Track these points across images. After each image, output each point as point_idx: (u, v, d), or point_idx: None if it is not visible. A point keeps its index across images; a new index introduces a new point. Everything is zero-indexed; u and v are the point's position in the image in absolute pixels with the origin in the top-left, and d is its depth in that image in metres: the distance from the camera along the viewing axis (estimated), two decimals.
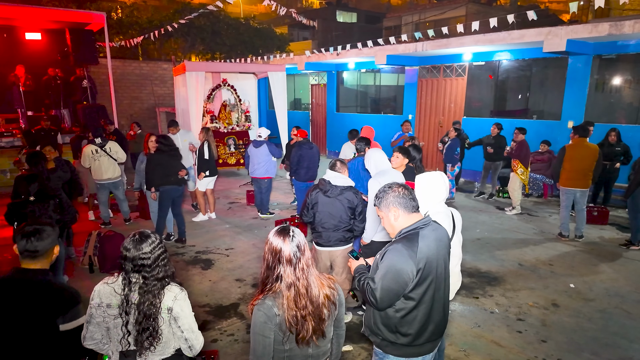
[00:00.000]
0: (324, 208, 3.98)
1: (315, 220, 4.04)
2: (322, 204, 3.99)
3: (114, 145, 7.19)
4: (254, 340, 1.98)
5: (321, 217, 4.00)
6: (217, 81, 11.74)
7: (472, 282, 5.29)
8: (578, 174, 6.48)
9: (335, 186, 3.97)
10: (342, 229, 4.02)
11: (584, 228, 6.78)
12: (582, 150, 6.44)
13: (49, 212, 4.15)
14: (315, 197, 4.02)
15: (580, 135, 6.49)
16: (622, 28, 7.65)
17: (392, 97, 13.94)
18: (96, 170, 7.00)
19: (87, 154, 6.93)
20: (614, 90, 9.37)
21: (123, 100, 16.60)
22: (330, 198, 3.96)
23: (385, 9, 37.90)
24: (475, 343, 4.02)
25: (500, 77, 10.80)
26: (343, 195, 3.97)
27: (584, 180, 6.50)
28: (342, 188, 3.98)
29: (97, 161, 6.95)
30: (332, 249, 4.09)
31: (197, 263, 5.95)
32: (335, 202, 3.96)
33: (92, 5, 18.71)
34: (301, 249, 2.01)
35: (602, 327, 4.31)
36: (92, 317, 2.21)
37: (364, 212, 4.08)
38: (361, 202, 4.07)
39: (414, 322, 2.32)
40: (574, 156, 6.47)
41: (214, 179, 7.72)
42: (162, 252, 2.24)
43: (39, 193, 4.15)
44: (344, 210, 3.98)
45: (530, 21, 7.87)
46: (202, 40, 20.11)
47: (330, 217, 3.98)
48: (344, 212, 3.99)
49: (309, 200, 4.06)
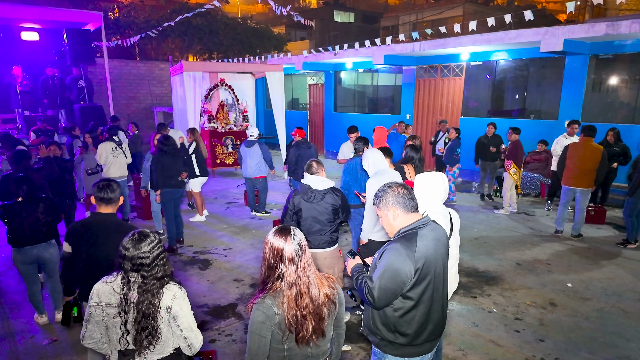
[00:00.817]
0: (309, 213, 3.90)
1: (301, 226, 3.93)
2: (305, 210, 3.90)
3: (125, 146, 7.54)
4: (250, 339, 1.98)
5: (306, 222, 3.91)
6: (215, 81, 11.74)
7: (470, 281, 5.30)
8: (579, 173, 6.47)
9: (317, 190, 3.88)
10: (327, 232, 3.97)
11: (582, 228, 6.80)
12: (585, 150, 6.38)
13: (37, 214, 4.13)
14: (298, 203, 3.91)
15: (585, 134, 6.42)
16: (619, 28, 7.67)
17: (389, 97, 13.95)
18: (110, 168, 7.11)
19: (106, 150, 7.09)
20: (611, 90, 9.40)
21: (120, 101, 16.57)
22: (313, 203, 3.88)
23: (382, 9, 37.94)
24: (473, 342, 4.03)
25: (497, 77, 10.82)
26: (325, 200, 3.89)
27: (585, 180, 6.44)
28: (323, 192, 3.89)
29: (116, 158, 7.15)
30: (317, 251, 3.98)
31: (194, 263, 5.94)
32: (319, 207, 3.88)
33: (89, 5, 18.67)
34: (302, 247, 2.01)
35: (599, 326, 4.32)
36: (91, 316, 2.21)
37: (346, 206, 4.05)
38: (342, 198, 4.02)
39: (413, 322, 2.32)
40: (575, 155, 6.45)
41: (205, 180, 7.71)
42: (161, 252, 2.25)
43: (29, 194, 4.14)
44: (328, 213, 3.92)
45: (527, 21, 7.89)
46: (199, 40, 20.09)
47: (316, 222, 3.91)
48: (328, 215, 3.92)
49: (290, 206, 3.94)
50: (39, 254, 4.23)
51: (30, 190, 4.15)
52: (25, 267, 4.25)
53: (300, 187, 3.95)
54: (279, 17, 25.67)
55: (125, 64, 17.30)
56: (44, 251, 4.25)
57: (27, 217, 4.09)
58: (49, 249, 4.30)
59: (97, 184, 3.09)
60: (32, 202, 4.15)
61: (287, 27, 32.89)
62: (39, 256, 4.24)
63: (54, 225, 4.33)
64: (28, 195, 4.13)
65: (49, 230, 4.25)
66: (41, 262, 4.31)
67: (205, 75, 11.48)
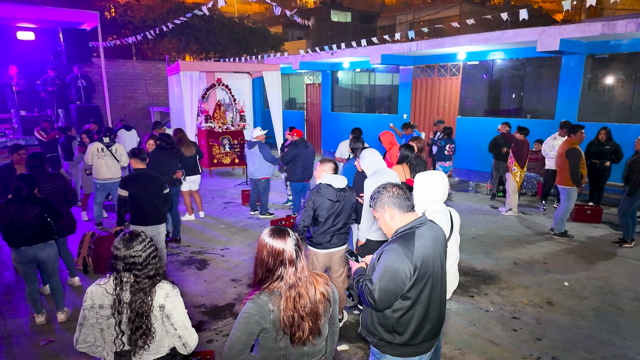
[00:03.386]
0: (331, 212, 3.90)
1: (320, 226, 3.93)
2: (328, 209, 3.89)
3: (120, 147, 7.29)
4: (235, 327, 1.94)
5: (325, 222, 3.92)
6: (212, 81, 11.71)
7: (467, 280, 5.31)
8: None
9: (340, 189, 3.92)
10: (343, 230, 4.02)
11: (579, 227, 6.82)
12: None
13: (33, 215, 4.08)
14: (320, 203, 3.88)
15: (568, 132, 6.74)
16: (615, 28, 7.70)
17: (386, 96, 13.96)
18: (98, 169, 7.04)
19: (92, 151, 7.01)
20: (607, 90, 9.43)
21: (117, 100, 16.53)
22: (340, 202, 3.90)
23: (379, 9, 37.97)
24: (470, 341, 4.04)
25: (494, 77, 10.84)
26: (347, 198, 3.96)
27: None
28: (344, 190, 3.95)
29: (102, 160, 7.00)
30: (332, 250, 4.05)
31: (192, 263, 5.93)
32: (341, 205, 3.93)
33: (86, 4, 18.59)
34: (300, 247, 2.01)
35: (596, 324, 4.34)
36: (85, 319, 2.21)
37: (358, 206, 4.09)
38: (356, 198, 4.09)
39: (411, 322, 2.32)
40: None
41: (195, 179, 7.63)
42: (152, 250, 2.26)
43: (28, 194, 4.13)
44: (350, 210, 3.99)
45: (523, 21, 7.91)
46: (196, 40, 20.04)
47: (335, 221, 3.94)
48: (350, 212, 3.99)
49: (312, 205, 3.89)
50: (35, 255, 4.21)
51: (30, 191, 4.14)
52: (23, 266, 4.23)
53: (320, 187, 3.93)
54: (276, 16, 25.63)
55: (122, 63, 17.25)
56: (40, 251, 4.23)
57: (23, 217, 4.05)
58: (45, 249, 4.27)
59: (134, 150, 4.97)
60: (29, 203, 4.11)
61: (284, 26, 32.86)
62: (35, 256, 4.22)
63: (52, 226, 4.28)
64: (27, 195, 4.10)
65: (45, 231, 4.22)
66: (39, 262, 4.29)
67: (202, 75, 11.45)
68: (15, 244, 4.14)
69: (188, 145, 7.42)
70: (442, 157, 8.86)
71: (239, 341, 1.92)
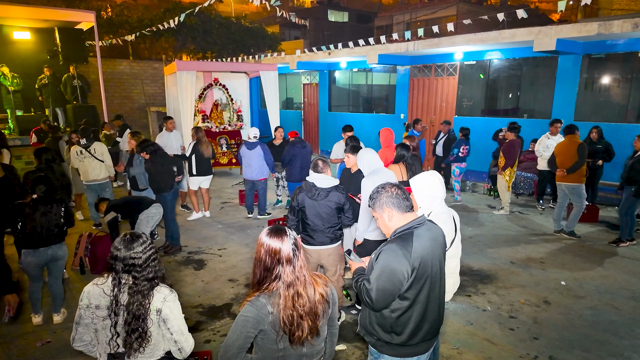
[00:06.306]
0: (312, 211, 3.89)
1: (306, 223, 3.95)
2: (309, 207, 3.89)
3: (99, 146, 7.03)
4: (232, 329, 1.94)
5: (310, 219, 3.92)
6: (209, 80, 11.67)
7: (465, 280, 5.31)
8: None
9: (322, 188, 3.88)
10: (332, 229, 3.99)
11: (576, 226, 6.85)
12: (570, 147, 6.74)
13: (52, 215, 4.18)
14: (301, 200, 3.91)
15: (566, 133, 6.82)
16: (611, 27, 7.73)
17: (384, 96, 13.97)
18: (82, 172, 6.97)
19: (72, 155, 6.97)
20: (603, 89, 9.47)
21: (114, 100, 16.49)
22: (317, 201, 3.87)
23: (376, 8, 37.94)
24: (467, 341, 4.04)
25: (491, 76, 10.87)
26: (329, 198, 3.88)
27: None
28: (327, 190, 3.89)
29: (82, 162, 6.87)
30: (321, 247, 4.02)
31: (189, 263, 5.92)
32: (323, 204, 3.88)
33: (82, 4, 18.53)
34: (298, 246, 2.00)
35: (592, 324, 4.35)
36: (81, 318, 2.19)
37: (351, 207, 4.06)
38: (347, 198, 4.04)
39: (409, 322, 2.32)
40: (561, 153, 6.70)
41: (208, 178, 7.73)
42: (153, 253, 2.24)
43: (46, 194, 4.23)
44: (332, 211, 3.91)
45: (520, 20, 7.93)
46: (193, 40, 19.99)
47: (319, 219, 3.90)
48: (332, 213, 3.92)
49: (294, 203, 3.95)
50: (53, 254, 4.28)
51: (48, 190, 4.22)
52: (34, 268, 4.24)
53: (304, 184, 3.96)
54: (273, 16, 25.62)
55: (119, 63, 17.21)
56: (59, 250, 4.33)
57: (52, 216, 4.16)
58: (63, 247, 4.40)
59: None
60: (56, 202, 4.24)
61: (281, 26, 32.79)
62: (53, 256, 4.28)
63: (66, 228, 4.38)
64: (45, 195, 4.19)
65: (63, 230, 4.33)
66: (55, 260, 4.33)
67: (199, 75, 11.42)
68: (36, 244, 4.15)
69: (207, 146, 7.51)
70: (457, 158, 8.81)
71: (234, 344, 1.93)
